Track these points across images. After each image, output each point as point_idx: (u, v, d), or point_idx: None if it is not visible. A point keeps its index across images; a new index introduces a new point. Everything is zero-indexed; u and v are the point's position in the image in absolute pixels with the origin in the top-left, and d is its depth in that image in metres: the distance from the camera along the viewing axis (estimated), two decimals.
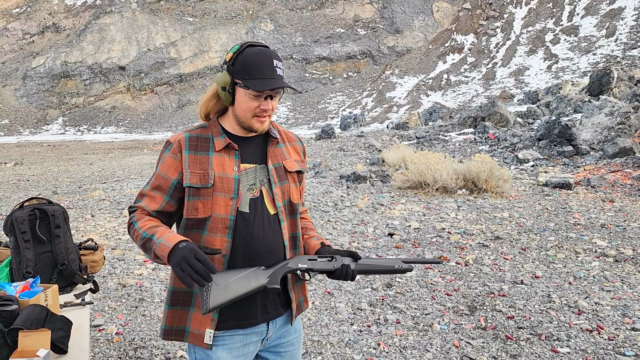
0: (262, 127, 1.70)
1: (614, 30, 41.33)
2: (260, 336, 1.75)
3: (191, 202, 1.67)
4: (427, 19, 52.04)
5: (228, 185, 1.66)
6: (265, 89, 1.61)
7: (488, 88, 41.19)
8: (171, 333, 1.70)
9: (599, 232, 6.28)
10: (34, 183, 13.38)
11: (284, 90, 1.71)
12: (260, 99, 1.65)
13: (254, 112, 1.67)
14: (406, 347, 3.52)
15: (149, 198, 1.72)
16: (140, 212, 1.72)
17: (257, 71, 1.62)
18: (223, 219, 1.65)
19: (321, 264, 1.73)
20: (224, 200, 1.65)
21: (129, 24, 53.56)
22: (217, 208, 1.65)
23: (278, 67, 1.65)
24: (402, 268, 1.81)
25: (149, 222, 1.67)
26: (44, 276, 2.57)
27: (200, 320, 1.66)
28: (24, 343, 1.81)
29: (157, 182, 1.71)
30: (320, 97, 48.23)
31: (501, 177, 8.69)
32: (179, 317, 1.69)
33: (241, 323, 1.69)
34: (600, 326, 3.73)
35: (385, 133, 17.71)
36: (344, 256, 1.76)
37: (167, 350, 3.53)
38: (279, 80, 1.64)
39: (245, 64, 1.64)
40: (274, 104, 1.69)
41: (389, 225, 6.88)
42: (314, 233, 1.90)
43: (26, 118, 48.87)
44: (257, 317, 1.71)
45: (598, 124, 12.08)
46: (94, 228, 7.18)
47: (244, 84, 1.63)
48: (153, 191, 1.71)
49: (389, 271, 1.81)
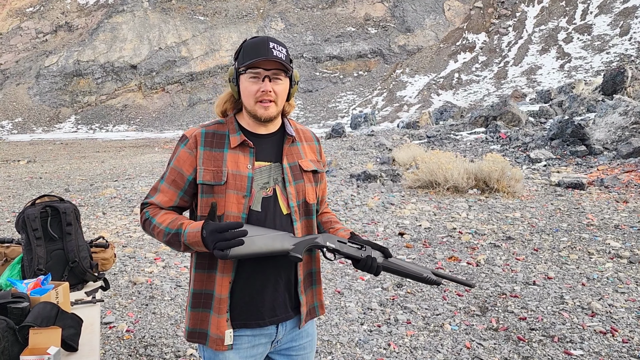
0: (266, 113, 1.67)
1: (628, 28, 40.82)
2: (270, 338, 1.73)
3: (205, 199, 1.65)
4: (439, 18, 51.77)
5: (241, 183, 1.65)
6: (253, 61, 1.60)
7: (500, 87, 40.90)
8: (194, 335, 1.69)
9: (612, 233, 6.19)
10: (47, 181, 13.50)
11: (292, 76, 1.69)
12: (258, 81, 1.64)
13: (256, 96, 1.65)
14: (417, 348, 3.49)
15: (162, 194, 1.71)
16: (154, 207, 1.72)
17: (251, 53, 1.63)
18: (235, 217, 1.63)
19: (349, 249, 1.69)
20: (236, 198, 1.64)
21: (141, 23, 53.88)
22: (229, 206, 1.64)
23: (276, 49, 1.63)
24: (430, 279, 1.76)
25: (166, 215, 1.67)
26: (55, 273, 2.57)
27: (218, 324, 1.64)
28: (35, 340, 1.81)
29: (172, 177, 1.70)
30: (331, 96, 48.20)
31: (513, 176, 8.61)
32: (201, 320, 1.68)
33: (248, 323, 1.67)
34: (614, 328, 3.68)
35: (395, 132, 17.64)
36: (374, 249, 1.73)
37: (177, 348, 3.54)
38: (270, 57, 1.61)
39: (244, 52, 1.66)
40: (276, 88, 1.65)
41: (399, 225, 6.85)
42: (339, 225, 1.87)
43: (39, 116, 49.37)
44: (265, 318, 1.69)
45: (612, 123, 11.93)
46: (105, 226, 7.22)
47: (242, 67, 1.65)
48: (167, 186, 1.70)
49: (417, 278, 1.75)
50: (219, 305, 1.64)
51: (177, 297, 4.51)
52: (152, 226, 1.67)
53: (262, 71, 1.63)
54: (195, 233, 1.55)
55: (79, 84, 51.79)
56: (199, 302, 1.68)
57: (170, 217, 1.66)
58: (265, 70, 1.63)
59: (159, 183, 1.73)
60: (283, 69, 1.65)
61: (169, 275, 5.08)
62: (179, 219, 1.64)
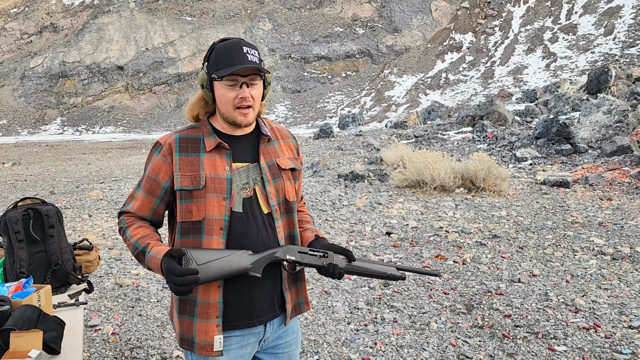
0: (245, 119, 1.67)
1: (612, 28, 41.35)
2: (258, 337, 1.74)
3: (184, 205, 1.65)
4: (426, 18, 52.04)
5: (220, 185, 1.64)
6: (232, 72, 1.60)
7: (487, 87, 41.21)
8: (184, 342, 1.69)
9: (596, 230, 6.27)
10: (32, 183, 13.36)
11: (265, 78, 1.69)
12: (235, 87, 1.63)
13: (234, 103, 1.65)
14: (403, 346, 3.51)
15: (139, 203, 1.71)
16: (130, 216, 1.72)
17: (226, 60, 1.62)
18: (218, 220, 1.63)
19: (310, 259, 1.70)
20: (216, 201, 1.64)
21: (127, 24, 53.51)
22: (210, 209, 1.63)
23: (249, 54, 1.63)
24: (394, 275, 1.77)
25: (139, 229, 1.68)
26: (38, 276, 2.56)
27: (206, 330, 1.64)
28: (16, 344, 1.80)
29: (148, 185, 1.70)
30: (319, 97, 48.23)
31: (499, 175, 8.68)
32: (187, 327, 1.67)
33: (237, 324, 1.67)
34: (597, 324, 3.73)
35: (383, 132, 17.70)
36: (337, 253, 1.73)
37: (163, 350, 3.52)
38: (247, 64, 1.61)
39: (216, 57, 1.65)
40: (253, 93, 1.66)
41: (386, 224, 6.88)
42: (309, 226, 1.88)
43: (24, 118, 48.83)
44: (254, 319, 1.69)
45: (596, 122, 12.07)
46: (91, 228, 7.17)
47: (216, 75, 1.63)
48: (144, 194, 1.70)
49: (381, 276, 1.77)
50: (206, 311, 1.63)
51: (164, 299, 4.49)
52: (124, 236, 1.70)
53: (240, 78, 1.63)
54: (156, 260, 1.58)
55: (65, 85, 51.32)
56: (185, 308, 1.68)
57: (142, 231, 1.68)
58: (242, 77, 1.63)
59: (136, 191, 1.73)
60: (258, 73, 1.65)
61: (155, 277, 5.06)
62: (148, 237, 1.66)
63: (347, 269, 1.74)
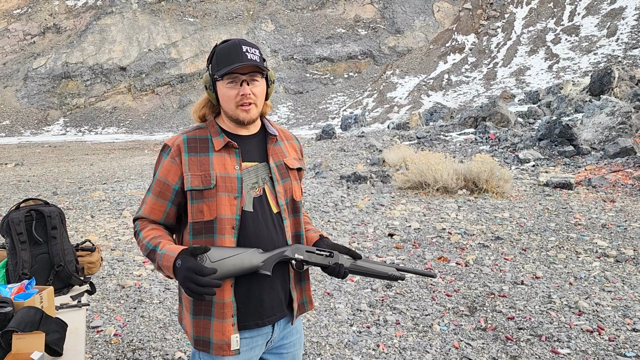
0: (248, 116, 1.68)
1: (615, 30, 41.28)
2: (266, 338, 1.74)
3: (195, 205, 1.65)
4: (428, 19, 52.01)
5: (231, 184, 1.65)
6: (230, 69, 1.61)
7: (489, 88, 41.17)
8: (199, 343, 1.68)
9: (600, 232, 6.25)
10: (35, 184, 13.38)
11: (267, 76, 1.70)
12: (236, 85, 1.65)
13: (235, 101, 1.66)
14: (406, 348, 3.50)
15: (150, 207, 1.72)
16: (143, 221, 1.73)
17: (226, 60, 1.64)
18: (229, 219, 1.64)
19: (317, 258, 1.73)
20: (228, 200, 1.64)
21: (130, 25, 53.60)
22: (222, 209, 1.64)
23: (249, 52, 1.64)
24: (394, 275, 1.82)
25: (151, 231, 1.68)
26: (40, 278, 2.55)
27: (222, 330, 1.63)
28: (18, 346, 1.79)
29: (159, 188, 1.70)
30: (321, 98, 48.24)
31: (502, 177, 8.66)
32: (203, 327, 1.66)
33: (248, 324, 1.67)
34: (600, 327, 3.71)
35: (386, 133, 17.68)
36: (342, 252, 1.77)
37: (165, 351, 3.52)
38: (246, 61, 1.62)
39: (217, 58, 1.67)
40: (254, 90, 1.66)
41: (389, 226, 6.86)
42: (310, 226, 1.91)
43: (27, 119, 48.94)
44: (264, 318, 1.69)
45: (599, 123, 12.05)
46: (94, 229, 7.17)
47: (217, 75, 1.65)
48: (155, 198, 1.71)
49: (382, 277, 1.81)
50: (221, 311, 1.63)
51: (166, 300, 4.48)
52: (138, 239, 1.70)
53: (239, 76, 1.64)
54: (169, 257, 1.55)
55: (68, 86, 51.42)
56: (200, 309, 1.66)
57: (154, 232, 1.68)
58: (241, 74, 1.64)
59: (146, 195, 1.74)
60: (259, 70, 1.66)
61: (157, 278, 5.05)
62: (160, 237, 1.65)
63: (352, 268, 1.77)
